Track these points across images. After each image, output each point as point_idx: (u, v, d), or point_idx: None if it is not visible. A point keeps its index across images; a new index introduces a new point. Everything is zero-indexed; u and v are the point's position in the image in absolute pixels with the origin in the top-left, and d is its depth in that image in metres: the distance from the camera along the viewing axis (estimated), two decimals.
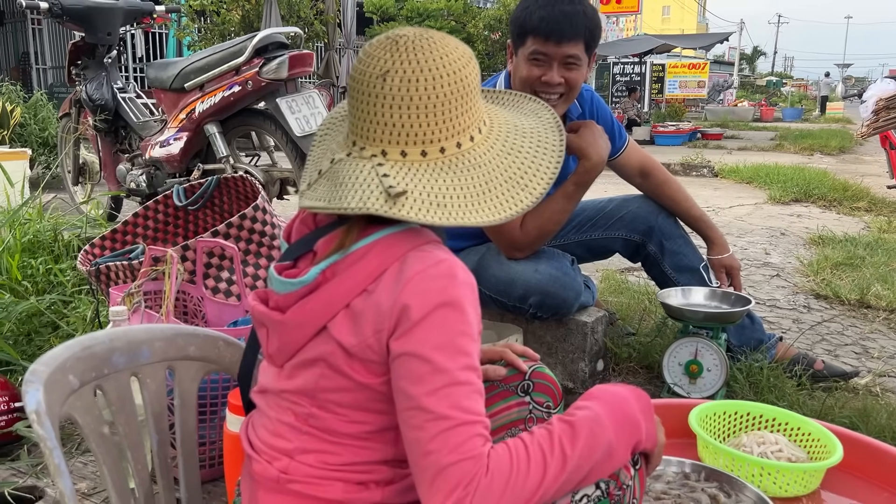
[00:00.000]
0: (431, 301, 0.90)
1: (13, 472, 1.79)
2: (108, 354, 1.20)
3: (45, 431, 0.97)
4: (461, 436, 0.87)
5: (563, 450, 0.91)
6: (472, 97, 0.99)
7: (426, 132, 0.96)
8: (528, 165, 1.01)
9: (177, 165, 3.58)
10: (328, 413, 0.98)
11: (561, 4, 1.93)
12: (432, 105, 0.95)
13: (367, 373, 0.95)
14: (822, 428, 1.62)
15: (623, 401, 1.00)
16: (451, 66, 0.96)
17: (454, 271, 0.92)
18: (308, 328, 0.97)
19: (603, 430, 0.94)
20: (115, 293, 1.94)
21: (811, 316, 3.06)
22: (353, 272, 0.95)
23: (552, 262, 2.11)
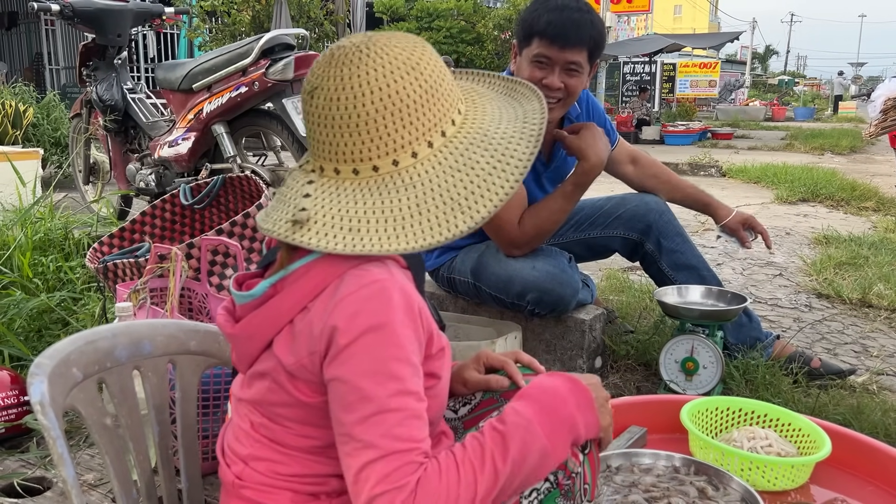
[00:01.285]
0: (360, 325, 0.87)
1: (23, 463, 1.83)
2: (110, 348, 1.24)
3: (48, 421, 1.01)
4: (389, 466, 0.84)
5: (494, 464, 0.88)
6: (413, 110, 0.93)
7: (353, 150, 0.93)
8: (479, 185, 0.93)
9: (185, 165, 3.63)
10: (277, 425, 0.99)
11: (569, 11, 1.96)
12: (354, 124, 0.92)
13: (307, 391, 0.94)
14: (812, 423, 1.64)
15: (556, 399, 0.97)
16: (379, 81, 0.91)
17: (387, 293, 0.89)
18: (256, 342, 0.97)
19: (535, 437, 0.92)
20: (122, 290, 1.99)
21: (812, 315, 3.07)
22: (295, 289, 0.93)
23: (550, 260, 2.14)
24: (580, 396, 0.99)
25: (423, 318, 0.93)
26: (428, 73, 0.95)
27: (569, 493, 1.00)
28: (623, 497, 1.41)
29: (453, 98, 0.99)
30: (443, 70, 0.99)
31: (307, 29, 9.76)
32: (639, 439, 1.69)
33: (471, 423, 1.17)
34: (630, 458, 1.52)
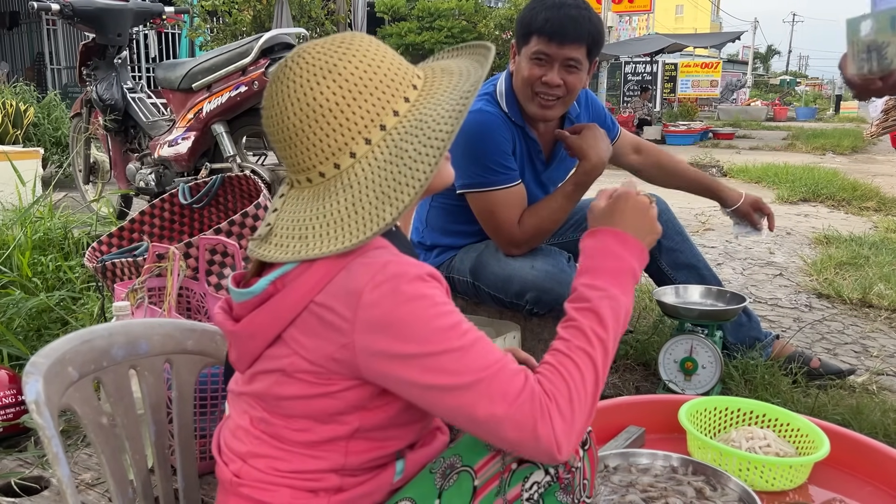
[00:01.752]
0: (393, 307, 0.90)
1: (20, 462, 1.83)
2: (107, 347, 1.24)
3: (43, 420, 1.00)
4: (500, 386, 0.88)
5: (598, 337, 0.96)
6: (336, 114, 0.94)
7: (298, 162, 0.98)
8: (404, 174, 0.94)
9: (185, 164, 3.63)
10: (278, 419, 0.99)
11: (567, 8, 1.97)
12: (287, 137, 0.97)
13: (326, 382, 0.95)
14: (811, 423, 1.64)
15: (616, 259, 1.05)
16: (297, 92, 0.95)
17: (402, 269, 0.92)
18: (260, 339, 0.98)
19: (617, 300, 1.01)
20: (120, 289, 1.99)
21: (812, 315, 3.07)
22: (300, 284, 0.95)
23: (549, 259, 2.14)
24: (630, 245, 1.08)
25: (443, 282, 0.97)
26: (349, 73, 0.95)
27: (568, 487, 1.01)
28: (620, 497, 1.41)
29: (395, 86, 0.98)
30: (375, 63, 0.97)
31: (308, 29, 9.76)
32: (637, 439, 1.69)
33: None
34: (628, 457, 1.52)
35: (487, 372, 0.89)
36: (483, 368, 0.89)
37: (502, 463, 1.00)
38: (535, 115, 2.07)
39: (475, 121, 2.11)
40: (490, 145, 2.08)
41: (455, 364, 0.89)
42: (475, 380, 0.88)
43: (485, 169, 2.06)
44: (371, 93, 0.96)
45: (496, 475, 1.00)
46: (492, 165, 2.08)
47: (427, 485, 1.00)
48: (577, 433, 0.91)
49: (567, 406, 0.90)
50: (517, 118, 2.16)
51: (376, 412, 0.98)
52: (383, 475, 1.01)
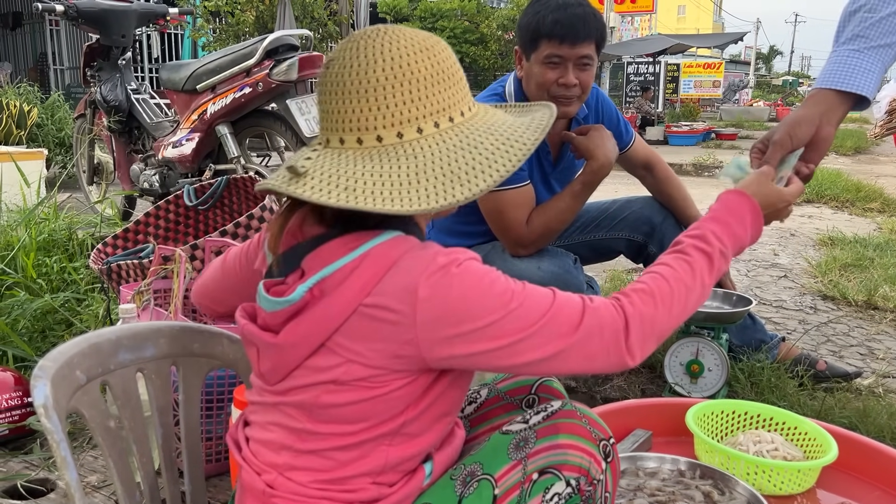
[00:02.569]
0: (449, 292, 0.91)
1: (26, 465, 1.83)
2: (114, 350, 1.23)
3: (51, 425, 1.00)
4: (562, 322, 0.94)
5: (702, 279, 1.06)
6: (422, 87, 0.96)
7: (360, 118, 0.96)
8: (480, 162, 0.96)
9: (189, 165, 3.63)
10: (324, 426, 0.98)
11: (572, 8, 1.98)
12: (364, 90, 0.95)
13: (382, 384, 0.95)
14: (818, 427, 1.63)
15: (741, 226, 1.16)
16: (392, 53, 0.96)
17: (451, 257, 0.94)
18: (303, 348, 0.96)
19: (725, 259, 1.11)
20: (126, 291, 1.99)
21: (817, 317, 3.06)
22: (346, 288, 0.94)
23: (555, 261, 2.14)
24: (758, 227, 1.20)
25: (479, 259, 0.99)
26: (442, 58, 0.99)
27: (589, 499, 0.99)
28: (628, 501, 1.41)
29: (464, 92, 1.02)
30: (457, 64, 1.03)
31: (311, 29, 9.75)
32: (644, 442, 1.68)
33: (477, 421, 1.18)
34: (635, 461, 1.51)
35: (548, 315, 0.93)
36: (543, 314, 0.93)
37: (523, 472, 0.99)
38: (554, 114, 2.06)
39: None
40: None
41: (519, 322, 0.92)
42: (540, 326, 0.92)
43: None
44: (452, 84, 1.00)
45: (517, 485, 0.99)
46: None
47: (447, 491, 1.00)
48: (657, 338, 0.99)
49: (650, 311, 0.98)
50: None
51: (419, 404, 0.98)
52: (414, 480, 1.01)
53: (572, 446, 1.00)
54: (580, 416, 1.04)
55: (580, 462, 0.99)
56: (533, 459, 0.99)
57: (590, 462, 0.99)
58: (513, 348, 0.93)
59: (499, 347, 0.93)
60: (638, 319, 0.97)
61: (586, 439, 1.01)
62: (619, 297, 1.01)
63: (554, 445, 1.00)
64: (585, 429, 1.02)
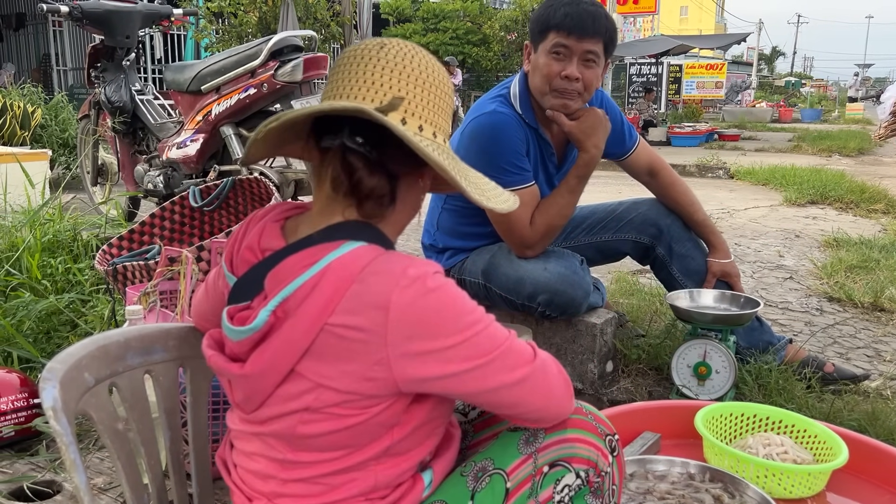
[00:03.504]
0: (424, 308, 0.89)
1: (32, 466, 1.83)
2: (122, 352, 1.23)
3: (60, 427, 1.00)
4: (519, 351, 0.96)
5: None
6: (444, 97, 1.02)
7: (410, 101, 0.98)
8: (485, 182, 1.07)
9: (193, 166, 3.62)
10: (306, 455, 0.96)
11: (584, 4, 2.01)
12: (423, 79, 0.99)
13: (360, 411, 0.92)
14: (828, 430, 1.62)
15: None
16: (438, 64, 1.04)
17: (422, 270, 0.91)
18: (272, 375, 0.93)
19: None
20: (132, 292, 1.98)
21: (823, 318, 3.05)
22: (308, 307, 0.90)
23: (561, 261, 2.14)
24: None
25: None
26: (446, 85, 1.06)
27: (598, 491, 1.02)
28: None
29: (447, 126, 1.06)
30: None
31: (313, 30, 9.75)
32: (652, 445, 1.67)
33: (481, 426, 1.18)
34: (645, 464, 1.51)
35: (509, 340, 0.95)
36: (505, 337, 0.94)
37: (534, 466, 1.02)
38: (555, 107, 2.06)
39: (490, 122, 2.10)
40: (505, 146, 2.08)
41: (489, 342, 0.92)
42: (506, 349, 0.93)
43: (499, 170, 2.06)
44: (443, 111, 1.03)
45: (528, 478, 1.01)
46: (506, 166, 2.07)
47: (460, 487, 1.01)
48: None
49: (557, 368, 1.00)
50: (531, 120, 2.15)
51: (405, 425, 0.97)
52: (413, 492, 1.00)
53: (580, 440, 1.02)
54: (586, 412, 1.06)
55: (588, 455, 1.01)
56: (543, 453, 1.02)
57: (597, 455, 1.02)
58: (483, 370, 0.92)
59: (470, 369, 0.91)
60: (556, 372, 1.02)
61: (593, 434, 1.04)
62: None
63: (563, 440, 1.02)
64: (591, 424, 1.05)
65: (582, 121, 2.08)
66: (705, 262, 2.31)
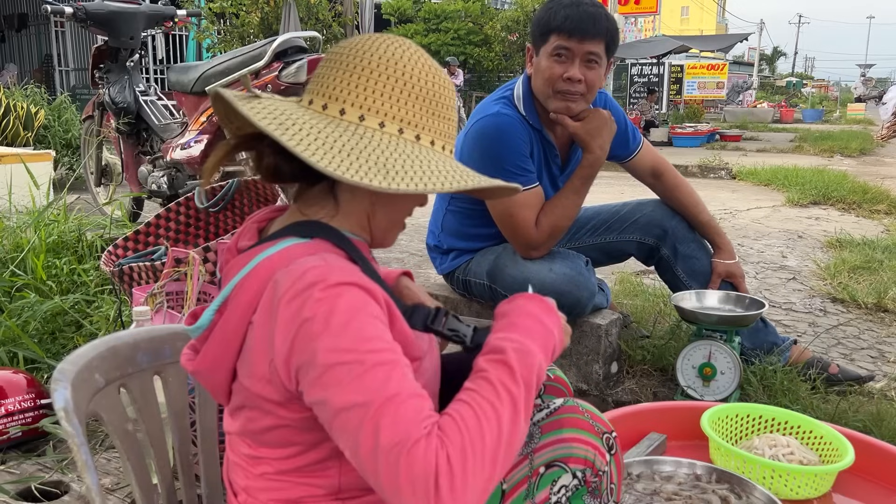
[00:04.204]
0: (301, 311, 0.84)
1: (40, 467, 1.83)
2: (132, 353, 1.24)
3: (72, 428, 1.00)
4: (392, 419, 0.79)
5: (508, 391, 0.85)
6: (406, 92, 0.96)
7: (359, 93, 0.95)
8: (415, 170, 0.94)
9: (197, 167, 3.63)
10: (266, 450, 0.97)
11: (585, 6, 2.02)
12: (382, 70, 0.95)
13: (290, 409, 0.91)
14: (834, 431, 1.63)
15: (530, 317, 0.97)
16: (421, 58, 0.99)
17: (322, 275, 0.86)
18: (220, 372, 0.95)
19: (533, 357, 0.90)
20: (139, 293, 1.99)
21: (827, 319, 3.05)
22: (236, 305, 0.91)
23: (567, 262, 2.14)
24: (548, 311, 1.01)
25: (377, 294, 0.90)
26: (438, 86, 1.00)
27: (595, 490, 1.01)
28: None
29: (441, 129, 1.00)
30: (449, 104, 1.02)
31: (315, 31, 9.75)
32: (658, 446, 1.68)
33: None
34: (651, 465, 1.51)
35: (382, 397, 0.80)
36: (377, 391, 0.80)
37: (530, 467, 1.01)
38: (558, 109, 2.07)
39: (493, 123, 2.11)
40: (509, 147, 2.09)
41: (349, 377, 0.81)
42: (365, 401, 0.80)
43: (504, 172, 2.06)
44: (434, 112, 0.99)
45: (524, 479, 1.01)
46: (510, 168, 2.08)
47: None
48: (472, 492, 0.78)
49: (459, 462, 0.78)
50: (535, 121, 2.16)
51: None
52: None
53: (576, 440, 1.02)
54: (582, 411, 1.06)
55: (585, 454, 1.01)
56: (539, 454, 1.01)
57: (594, 454, 1.01)
58: (335, 411, 0.81)
59: (322, 401, 0.83)
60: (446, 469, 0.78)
61: (589, 432, 1.03)
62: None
63: (559, 440, 1.02)
64: (588, 423, 1.04)
65: (587, 122, 2.08)
66: (710, 263, 2.31)
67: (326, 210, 1.00)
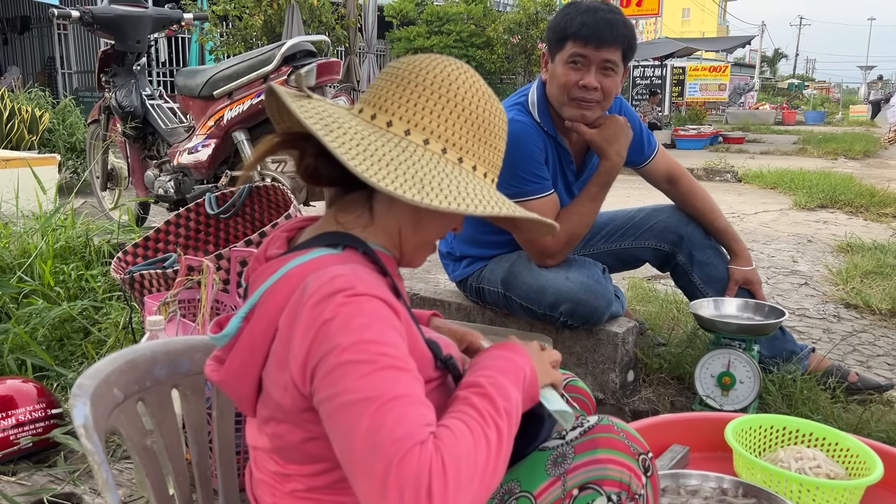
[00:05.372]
0: (322, 313, 0.84)
1: (51, 478, 1.81)
2: (150, 366, 1.21)
3: (93, 446, 0.98)
4: (392, 422, 0.79)
5: (494, 420, 0.85)
6: (457, 115, 0.98)
7: (416, 109, 0.96)
8: (459, 190, 0.94)
9: (204, 172, 3.60)
10: (295, 466, 0.95)
11: (602, 12, 1.99)
12: (443, 93, 0.97)
13: (317, 419, 0.87)
14: (861, 443, 1.60)
15: (512, 363, 0.97)
16: (476, 84, 1.01)
17: (350, 282, 0.86)
18: (246, 381, 0.94)
19: (508, 391, 0.90)
20: (151, 302, 1.96)
21: (841, 326, 3.02)
22: (264, 312, 0.91)
23: (583, 270, 2.11)
24: (521, 354, 1.00)
25: (400, 311, 0.89)
26: (491, 115, 1.02)
27: None
28: None
29: (486, 157, 1.02)
30: (499, 136, 1.05)
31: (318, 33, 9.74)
32: (681, 459, 1.65)
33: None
34: (677, 479, 1.48)
35: (389, 394, 0.79)
36: (386, 389, 0.79)
37: (563, 489, 0.98)
38: (573, 117, 2.04)
39: (508, 130, 2.08)
40: (523, 155, 2.06)
41: (359, 373, 0.81)
42: (371, 396, 0.79)
43: (518, 179, 2.04)
44: (482, 140, 1.01)
45: (557, 501, 0.98)
46: (525, 175, 2.05)
47: None
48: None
49: (454, 471, 0.77)
50: (549, 128, 2.13)
51: None
52: None
53: (611, 461, 0.99)
54: (618, 430, 1.03)
55: (620, 476, 0.98)
56: (572, 475, 0.98)
57: (630, 477, 0.98)
58: (337, 408, 0.81)
59: (329, 398, 0.82)
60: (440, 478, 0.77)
61: (625, 454, 1.00)
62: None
63: (593, 460, 0.99)
64: (624, 443, 1.01)
65: (603, 128, 2.06)
66: (727, 269, 2.29)
67: (361, 220, 1.00)
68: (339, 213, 1.01)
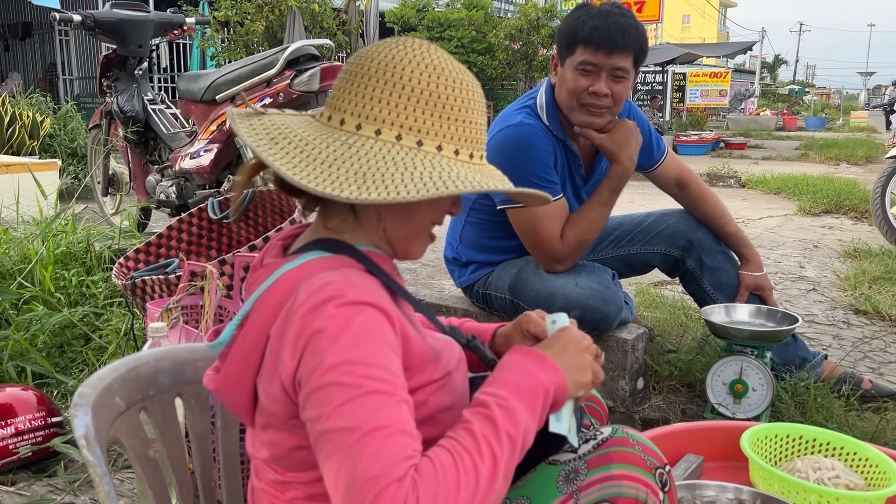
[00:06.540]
0: (312, 323, 0.83)
1: (51, 488, 1.77)
2: (153, 375, 1.18)
3: (94, 457, 0.95)
4: (372, 452, 0.78)
5: (490, 448, 0.82)
6: (412, 99, 0.92)
7: (362, 103, 0.93)
8: (414, 178, 0.89)
9: (207, 177, 3.57)
10: (293, 474, 0.93)
11: (614, 17, 1.94)
12: (385, 79, 0.93)
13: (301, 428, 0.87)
14: (881, 453, 1.56)
15: (531, 380, 0.92)
16: (438, 61, 0.95)
17: (340, 290, 0.85)
18: (241, 390, 0.93)
19: (517, 414, 0.86)
20: (153, 308, 1.93)
21: (851, 332, 2.99)
22: (256, 319, 0.90)
23: (593, 276, 2.08)
24: (547, 367, 0.94)
25: (393, 317, 0.88)
26: (457, 90, 0.95)
27: None
28: None
29: (458, 133, 0.95)
30: (469, 105, 0.97)
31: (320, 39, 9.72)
32: (696, 468, 1.61)
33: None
34: (693, 490, 1.44)
35: (369, 426, 0.77)
36: (366, 419, 0.78)
37: None
38: (583, 123, 2.01)
39: (516, 133, 2.05)
40: (532, 158, 2.03)
41: (341, 399, 0.79)
42: (351, 426, 0.78)
43: (527, 183, 2.00)
44: (440, 116, 0.94)
45: None
46: (534, 179, 2.02)
47: None
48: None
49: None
50: (558, 131, 2.10)
51: None
52: None
53: (627, 477, 0.95)
54: (633, 443, 0.98)
55: (636, 494, 0.94)
56: (585, 493, 0.94)
57: (647, 494, 0.94)
58: (318, 432, 0.80)
59: (309, 419, 0.82)
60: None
61: (641, 468, 0.96)
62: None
63: (607, 477, 0.95)
64: (639, 457, 0.97)
65: (613, 133, 2.02)
66: (737, 274, 2.25)
67: (348, 222, 0.98)
68: (326, 218, 0.99)
